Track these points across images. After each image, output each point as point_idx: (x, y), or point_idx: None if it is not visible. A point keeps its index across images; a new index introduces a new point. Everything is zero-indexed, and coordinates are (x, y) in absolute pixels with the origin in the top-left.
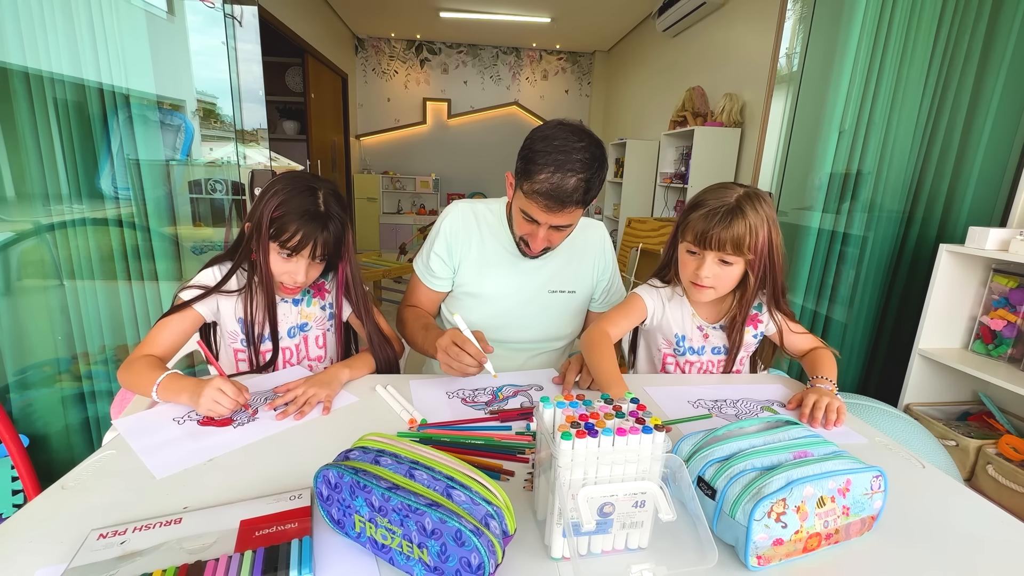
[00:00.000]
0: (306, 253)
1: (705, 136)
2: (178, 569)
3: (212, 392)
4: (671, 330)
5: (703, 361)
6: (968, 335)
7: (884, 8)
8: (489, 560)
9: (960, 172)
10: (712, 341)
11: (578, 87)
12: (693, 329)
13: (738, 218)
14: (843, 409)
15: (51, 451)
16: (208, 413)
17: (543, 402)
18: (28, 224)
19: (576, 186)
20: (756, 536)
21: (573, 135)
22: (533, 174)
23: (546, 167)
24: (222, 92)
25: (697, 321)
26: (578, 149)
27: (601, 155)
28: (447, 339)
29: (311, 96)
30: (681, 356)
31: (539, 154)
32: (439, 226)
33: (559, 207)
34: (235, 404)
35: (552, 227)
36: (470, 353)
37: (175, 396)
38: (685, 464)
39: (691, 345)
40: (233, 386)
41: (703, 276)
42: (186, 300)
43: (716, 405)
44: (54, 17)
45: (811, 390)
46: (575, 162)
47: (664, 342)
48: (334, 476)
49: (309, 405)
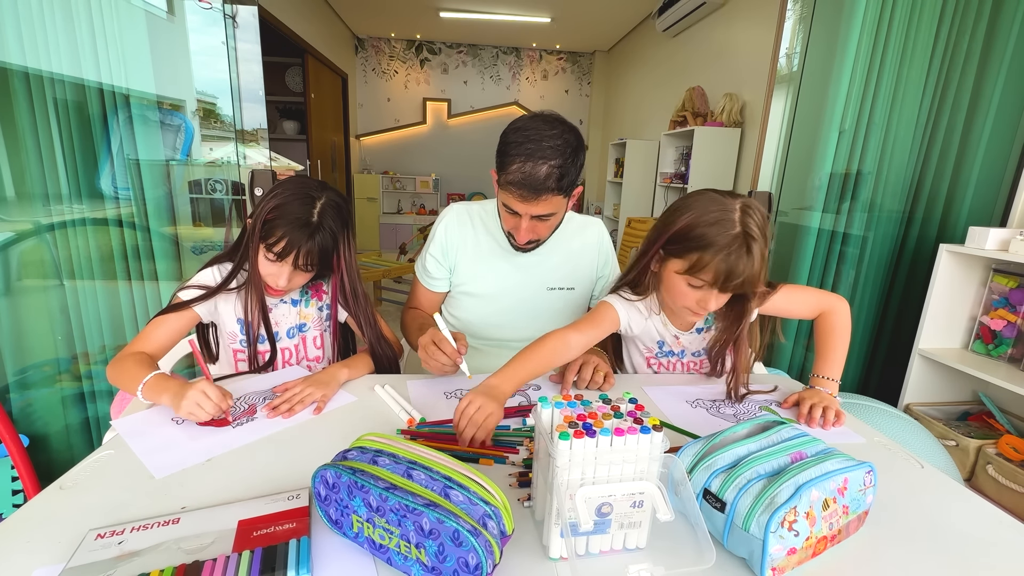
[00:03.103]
0: (289, 260)
1: (705, 136)
2: (176, 569)
3: (195, 395)
4: (652, 337)
5: (685, 362)
6: (968, 335)
7: (884, 8)
8: (487, 560)
9: (960, 172)
10: (692, 346)
11: (578, 87)
12: (670, 337)
13: (752, 247)
14: (841, 414)
15: (51, 451)
16: (188, 416)
17: (541, 402)
18: (28, 224)
19: (548, 173)
20: (772, 548)
21: (545, 124)
22: (507, 165)
23: (518, 157)
24: (222, 92)
25: (672, 330)
26: (549, 137)
27: (575, 141)
28: (427, 337)
29: (311, 96)
30: (664, 357)
31: (511, 145)
32: (435, 228)
33: (534, 195)
34: (217, 409)
35: (534, 217)
36: (445, 352)
37: (157, 396)
38: (688, 476)
39: (671, 349)
40: (217, 390)
41: (710, 307)
42: (185, 300)
43: (715, 405)
44: (54, 17)
45: (809, 392)
46: (546, 149)
47: (644, 348)
48: (332, 476)
49: (302, 404)
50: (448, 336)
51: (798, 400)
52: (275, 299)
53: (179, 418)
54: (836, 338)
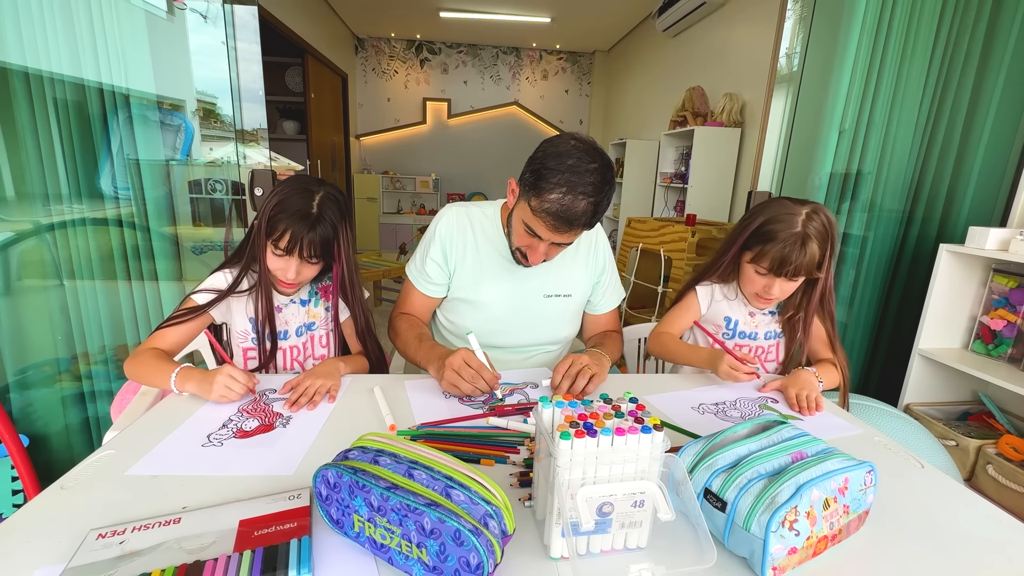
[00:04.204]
0: (295, 252)
1: (705, 136)
2: (177, 569)
3: (223, 379)
4: (721, 315)
5: (753, 346)
6: (968, 335)
7: (884, 8)
8: (488, 560)
9: (960, 172)
10: (765, 325)
11: (578, 87)
12: (745, 315)
13: (808, 244)
14: (820, 399)
15: (51, 451)
16: (220, 400)
17: (542, 402)
18: (28, 224)
19: (586, 209)
20: (773, 548)
21: (587, 155)
22: (543, 191)
23: (558, 187)
24: (222, 92)
25: (749, 308)
26: (591, 171)
27: (611, 177)
28: (459, 359)
29: (311, 96)
30: (730, 340)
31: (552, 172)
32: (433, 230)
33: (566, 228)
34: (245, 391)
35: (553, 243)
36: (484, 379)
37: (181, 385)
38: (689, 476)
39: (742, 329)
40: (243, 373)
41: (773, 294)
42: (201, 304)
43: (719, 408)
44: (54, 17)
45: (791, 379)
46: (587, 184)
47: (714, 328)
48: (333, 476)
49: (319, 395)
50: (484, 360)
51: (781, 387)
52: (286, 299)
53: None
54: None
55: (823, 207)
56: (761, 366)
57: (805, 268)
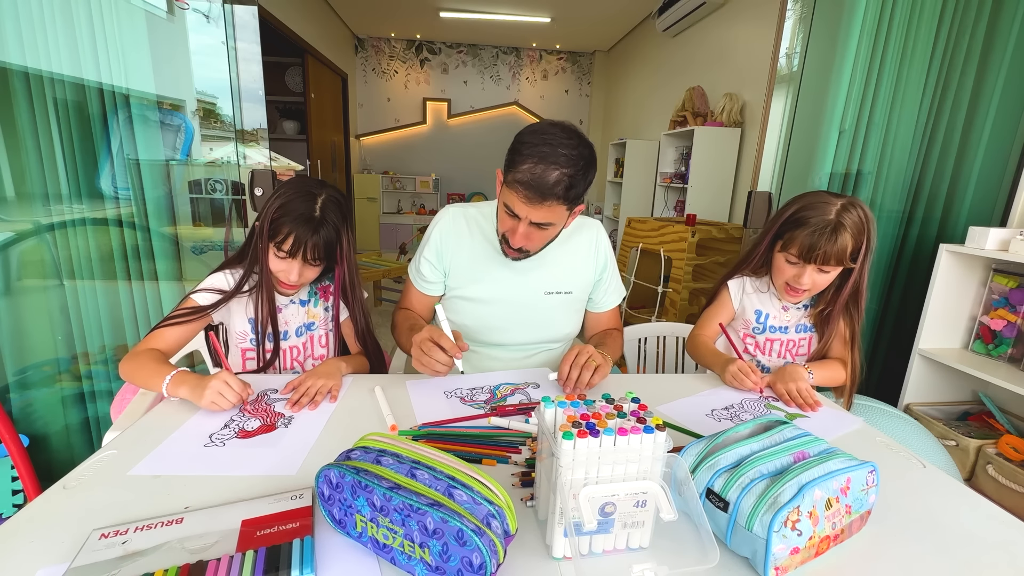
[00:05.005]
0: (299, 255)
1: (705, 136)
2: (180, 569)
3: (217, 384)
4: (751, 308)
5: (784, 340)
6: (968, 335)
7: (884, 8)
8: (491, 560)
9: (960, 172)
10: (797, 319)
11: (578, 87)
12: (776, 308)
13: (840, 233)
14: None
15: (51, 451)
16: (211, 407)
17: (544, 402)
18: (28, 224)
19: (558, 180)
20: (775, 548)
21: (563, 133)
22: (517, 163)
23: (530, 157)
24: (222, 92)
25: (782, 302)
26: (566, 145)
27: (589, 156)
28: (423, 335)
29: (311, 96)
30: (761, 335)
31: (525, 145)
32: (430, 231)
33: (539, 199)
34: (238, 399)
35: (532, 223)
36: (444, 348)
37: (174, 390)
38: (691, 476)
39: (773, 323)
40: (238, 381)
41: (803, 283)
42: (203, 304)
43: (730, 412)
44: (54, 17)
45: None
46: (560, 156)
47: (743, 323)
48: (335, 476)
49: (320, 394)
50: (447, 330)
51: (770, 383)
52: (285, 300)
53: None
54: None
55: (861, 201)
56: (792, 359)
57: (835, 256)
